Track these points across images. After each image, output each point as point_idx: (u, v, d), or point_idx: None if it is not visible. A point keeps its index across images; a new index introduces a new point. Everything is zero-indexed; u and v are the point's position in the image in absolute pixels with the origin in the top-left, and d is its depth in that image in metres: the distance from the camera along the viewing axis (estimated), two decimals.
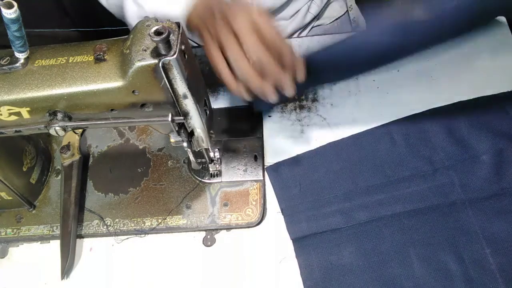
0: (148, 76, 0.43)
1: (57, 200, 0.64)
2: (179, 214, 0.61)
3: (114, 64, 0.45)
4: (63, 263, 0.58)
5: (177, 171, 0.65)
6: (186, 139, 0.52)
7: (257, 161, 0.64)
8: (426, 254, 0.55)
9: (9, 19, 0.41)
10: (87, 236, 0.61)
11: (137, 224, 0.61)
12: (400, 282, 0.54)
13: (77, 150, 0.65)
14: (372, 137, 0.64)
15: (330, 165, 0.62)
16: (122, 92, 0.45)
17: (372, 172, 0.61)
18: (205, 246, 0.59)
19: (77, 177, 0.64)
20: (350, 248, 0.56)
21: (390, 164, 0.61)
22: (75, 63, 0.45)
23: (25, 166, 0.62)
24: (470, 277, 0.53)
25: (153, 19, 0.44)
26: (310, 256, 0.57)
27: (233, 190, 0.62)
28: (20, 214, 0.63)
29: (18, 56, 0.45)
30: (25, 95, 0.45)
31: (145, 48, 0.43)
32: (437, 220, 0.57)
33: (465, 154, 0.60)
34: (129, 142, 0.68)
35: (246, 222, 0.59)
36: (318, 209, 0.59)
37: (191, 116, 0.49)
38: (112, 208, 0.63)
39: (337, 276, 0.55)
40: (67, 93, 0.45)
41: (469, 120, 0.62)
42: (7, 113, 0.47)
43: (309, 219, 0.59)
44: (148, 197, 0.63)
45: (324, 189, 0.61)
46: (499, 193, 0.57)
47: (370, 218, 0.58)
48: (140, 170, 0.65)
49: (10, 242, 0.62)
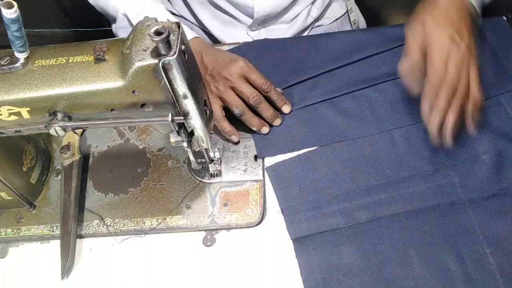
0: (148, 76, 0.43)
1: (57, 200, 0.64)
2: (179, 214, 0.61)
3: (114, 64, 0.45)
4: (63, 263, 0.58)
5: (177, 171, 0.65)
6: (186, 139, 0.52)
7: (257, 161, 0.64)
8: (426, 254, 0.55)
9: (9, 19, 0.41)
10: (87, 236, 0.61)
11: (137, 224, 0.61)
12: (400, 282, 0.53)
13: (77, 150, 0.65)
14: (372, 138, 0.64)
15: (330, 165, 0.62)
16: (122, 92, 0.45)
17: (372, 172, 0.61)
18: (205, 246, 0.59)
19: (77, 177, 0.64)
20: (350, 248, 0.56)
21: (390, 164, 0.61)
22: (75, 63, 0.45)
23: (25, 166, 0.62)
24: (470, 277, 0.53)
25: (153, 19, 0.44)
26: (310, 256, 0.57)
27: (233, 190, 0.62)
28: (20, 214, 0.63)
29: (18, 56, 0.45)
30: (25, 95, 0.45)
31: (145, 48, 0.43)
32: (437, 220, 0.57)
33: (465, 154, 0.60)
34: (129, 142, 0.68)
35: (246, 222, 0.59)
36: (318, 209, 0.59)
37: (191, 116, 0.49)
38: (112, 208, 0.62)
39: (337, 276, 0.55)
40: (67, 93, 0.45)
41: None
42: (7, 113, 0.47)
43: (309, 219, 0.59)
44: (148, 197, 0.63)
45: (324, 189, 0.61)
46: (499, 193, 0.57)
47: (370, 218, 0.58)
48: (140, 170, 0.65)
49: (10, 242, 0.62)
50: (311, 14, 0.84)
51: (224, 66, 0.63)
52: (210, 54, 0.66)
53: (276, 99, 0.65)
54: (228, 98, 0.63)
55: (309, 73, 0.70)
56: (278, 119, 0.66)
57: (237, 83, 0.63)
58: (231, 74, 0.63)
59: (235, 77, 0.63)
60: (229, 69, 0.63)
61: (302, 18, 0.83)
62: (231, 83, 0.63)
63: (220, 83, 0.63)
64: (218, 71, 0.64)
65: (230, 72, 0.63)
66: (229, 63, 0.63)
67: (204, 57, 0.66)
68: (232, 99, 0.63)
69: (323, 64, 0.71)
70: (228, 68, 0.63)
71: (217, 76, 0.64)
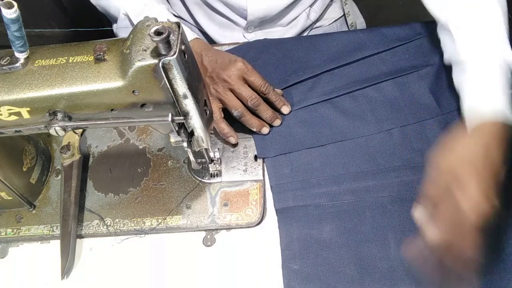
0: (148, 76, 0.43)
1: (57, 200, 0.64)
2: (179, 214, 0.61)
3: (114, 64, 0.45)
4: (63, 263, 0.58)
5: (177, 171, 0.65)
6: (186, 139, 0.52)
7: (257, 161, 0.64)
8: (404, 239, 0.55)
9: (9, 19, 0.41)
10: (87, 236, 0.61)
11: (137, 224, 0.61)
12: (375, 262, 0.55)
13: (77, 150, 0.65)
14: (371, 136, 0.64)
15: (325, 149, 0.64)
16: (122, 92, 0.45)
17: (364, 159, 0.62)
18: (205, 246, 0.59)
19: (77, 177, 0.63)
20: (331, 225, 0.58)
21: (382, 153, 0.63)
22: (75, 63, 0.45)
23: (25, 166, 0.62)
24: None
25: (153, 19, 0.44)
26: (291, 227, 0.58)
27: (233, 190, 0.62)
28: (20, 214, 0.63)
29: (18, 56, 0.45)
30: (25, 95, 0.45)
31: (145, 48, 0.43)
32: None
33: None
34: (129, 142, 0.68)
35: (246, 222, 0.59)
36: (307, 190, 0.61)
37: (191, 116, 0.49)
38: (112, 208, 0.62)
39: (315, 250, 0.56)
40: (67, 93, 0.45)
41: None
42: (7, 113, 0.47)
43: (295, 198, 0.60)
44: (148, 197, 0.63)
45: (314, 171, 0.62)
46: None
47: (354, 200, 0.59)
48: (140, 170, 0.65)
49: (10, 242, 0.62)
50: (310, 18, 0.84)
51: (223, 68, 0.63)
52: (210, 56, 0.66)
53: (275, 100, 0.66)
54: (227, 100, 0.63)
55: (309, 73, 0.70)
56: (278, 119, 0.66)
57: (236, 85, 0.63)
58: (230, 76, 0.63)
59: (234, 79, 0.63)
60: (228, 71, 0.63)
61: (300, 21, 0.83)
62: (230, 85, 0.63)
63: (219, 85, 0.63)
64: (217, 73, 0.64)
65: (229, 74, 0.63)
66: (228, 65, 0.63)
67: (204, 58, 0.66)
68: (231, 101, 0.63)
69: (323, 64, 0.71)
70: (227, 70, 0.63)
71: (216, 78, 0.64)
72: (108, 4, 0.74)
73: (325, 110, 0.67)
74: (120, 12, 0.72)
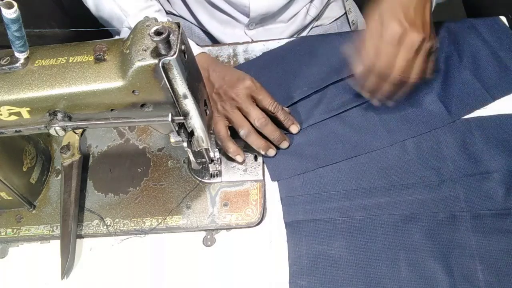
0: (148, 76, 0.43)
1: (57, 200, 0.64)
2: (179, 214, 0.61)
3: (114, 64, 0.45)
4: (63, 263, 0.58)
5: (177, 171, 0.65)
6: (186, 139, 0.52)
7: (257, 161, 0.64)
8: (416, 259, 0.54)
9: (9, 19, 0.41)
10: (87, 236, 0.61)
11: (137, 224, 0.61)
12: (385, 283, 0.54)
13: (77, 150, 0.65)
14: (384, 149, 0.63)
15: (337, 162, 0.62)
16: (122, 92, 0.45)
17: (377, 175, 0.61)
18: (205, 246, 0.59)
19: (77, 177, 0.63)
20: (341, 241, 0.57)
21: (396, 169, 0.61)
22: (75, 63, 0.45)
23: (25, 166, 0.62)
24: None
25: (153, 19, 0.44)
26: (300, 242, 0.57)
27: (233, 190, 0.62)
28: (20, 214, 0.63)
29: (18, 56, 0.45)
30: (25, 95, 0.45)
31: (145, 48, 0.43)
32: (433, 229, 0.56)
33: (475, 170, 0.59)
34: (129, 142, 0.68)
35: (246, 222, 0.59)
36: (317, 204, 0.60)
37: (191, 116, 0.49)
38: (112, 208, 0.63)
39: (323, 265, 0.55)
40: (67, 93, 0.45)
41: (485, 136, 0.61)
42: (7, 113, 0.47)
43: (306, 211, 0.59)
44: (148, 197, 0.63)
45: (326, 185, 0.61)
46: (504, 212, 0.56)
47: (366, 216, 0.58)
48: (140, 170, 0.65)
49: (10, 242, 0.62)
50: (310, 13, 0.84)
51: (231, 86, 0.62)
52: (217, 71, 0.64)
53: (283, 119, 0.64)
54: (234, 118, 0.62)
55: (313, 87, 0.68)
56: (286, 141, 0.64)
57: (244, 104, 0.61)
58: (238, 94, 0.61)
59: (242, 98, 0.61)
60: (236, 89, 0.61)
61: (300, 17, 0.83)
62: (237, 103, 0.61)
63: (226, 103, 0.62)
64: (224, 90, 0.62)
65: (237, 92, 0.61)
66: (236, 82, 0.62)
67: (211, 74, 0.64)
68: (238, 119, 0.62)
69: (327, 77, 0.69)
70: (235, 88, 0.61)
71: (224, 95, 0.62)
72: (111, 16, 0.72)
73: (334, 125, 0.66)
74: (124, 25, 0.71)
